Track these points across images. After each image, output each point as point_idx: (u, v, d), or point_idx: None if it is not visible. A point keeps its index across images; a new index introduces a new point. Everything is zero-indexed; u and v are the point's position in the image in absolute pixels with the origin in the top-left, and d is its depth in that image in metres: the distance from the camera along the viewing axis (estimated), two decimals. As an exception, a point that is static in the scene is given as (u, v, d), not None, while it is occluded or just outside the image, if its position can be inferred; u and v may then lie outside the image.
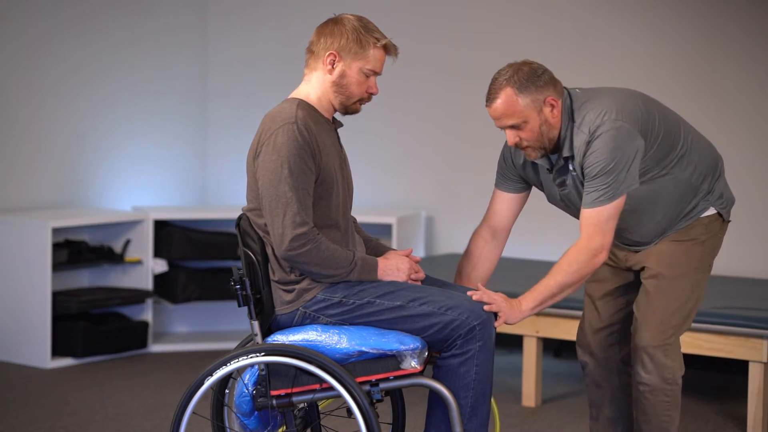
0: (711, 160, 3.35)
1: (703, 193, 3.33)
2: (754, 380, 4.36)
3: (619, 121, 3.13)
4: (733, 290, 5.06)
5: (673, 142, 3.26)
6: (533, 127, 3.16)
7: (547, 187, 3.35)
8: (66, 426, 4.61)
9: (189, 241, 6.23)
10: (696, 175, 3.30)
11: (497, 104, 3.17)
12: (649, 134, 3.20)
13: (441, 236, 6.54)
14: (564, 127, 3.19)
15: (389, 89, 5.08)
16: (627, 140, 3.11)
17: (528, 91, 3.15)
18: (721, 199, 3.38)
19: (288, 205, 2.97)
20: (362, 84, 3.13)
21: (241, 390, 3.14)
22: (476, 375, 3.01)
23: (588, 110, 3.17)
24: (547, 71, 3.21)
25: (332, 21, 3.14)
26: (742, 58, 5.72)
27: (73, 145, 6.31)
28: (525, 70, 3.18)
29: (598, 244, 3.12)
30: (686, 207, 3.32)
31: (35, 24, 6.07)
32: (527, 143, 3.19)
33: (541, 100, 3.16)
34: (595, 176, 3.12)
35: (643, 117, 3.20)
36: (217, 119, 7.06)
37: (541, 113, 3.16)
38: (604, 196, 3.11)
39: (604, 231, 3.12)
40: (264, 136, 3.03)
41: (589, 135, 3.13)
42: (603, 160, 3.10)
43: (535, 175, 3.36)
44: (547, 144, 3.20)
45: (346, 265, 3.03)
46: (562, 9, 6.17)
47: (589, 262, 3.12)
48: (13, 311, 5.69)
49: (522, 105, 3.15)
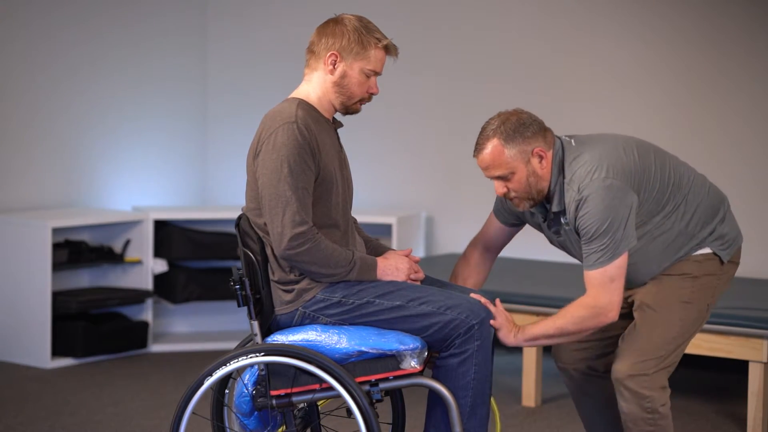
0: (712, 205, 3.27)
1: (700, 238, 3.25)
2: (754, 380, 4.36)
3: (609, 178, 3.07)
4: (733, 290, 5.04)
5: (670, 192, 3.19)
6: (520, 178, 3.13)
7: (545, 232, 3.33)
8: (66, 426, 4.61)
9: (189, 241, 6.23)
10: (694, 223, 3.23)
11: (484, 155, 3.15)
12: (644, 188, 3.14)
13: (441, 236, 6.54)
14: (554, 180, 3.15)
15: (390, 89, 5.08)
16: (619, 198, 3.07)
17: (515, 142, 3.12)
18: (720, 240, 3.27)
19: (287, 204, 2.97)
20: (363, 84, 3.13)
21: (241, 390, 3.14)
22: (475, 374, 3.01)
23: (579, 166, 3.12)
24: (536, 122, 3.16)
25: (333, 21, 3.14)
26: (744, 58, 5.72)
27: (73, 145, 6.31)
28: (513, 121, 3.14)
29: (604, 303, 3.07)
30: (682, 253, 3.25)
31: (35, 24, 6.07)
32: (515, 194, 3.17)
33: (528, 151, 3.12)
34: (591, 238, 3.07)
35: (638, 170, 3.13)
36: (217, 119, 7.06)
37: (529, 164, 3.13)
38: (604, 257, 3.06)
39: (610, 290, 3.07)
40: (264, 135, 3.04)
41: (579, 194, 3.09)
42: (596, 221, 3.05)
43: (532, 218, 3.34)
44: (535, 195, 3.17)
45: (345, 265, 3.03)
46: (563, 9, 6.17)
47: (594, 320, 3.08)
48: (13, 311, 5.69)
49: (509, 156, 3.12)
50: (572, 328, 3.08)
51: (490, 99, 6.38)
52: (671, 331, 3.21)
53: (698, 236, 3.24)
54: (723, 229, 3.28)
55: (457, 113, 6.46)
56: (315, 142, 3.03)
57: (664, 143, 5.91)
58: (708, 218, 3.25)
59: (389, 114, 6.56)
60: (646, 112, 5.98)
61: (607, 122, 6.10)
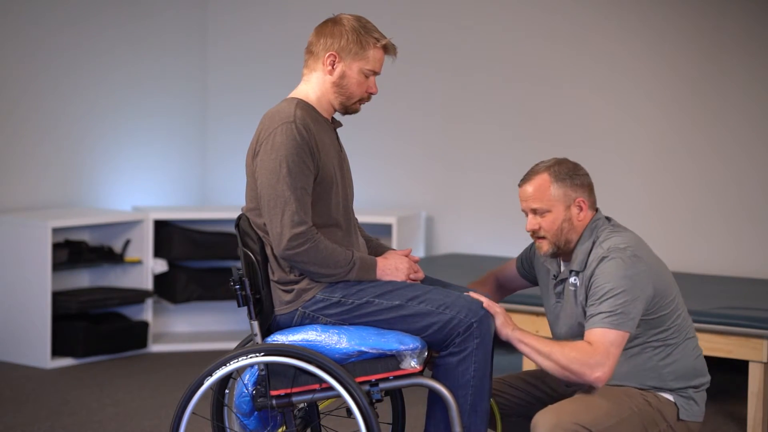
0: (695, 368, 3.17)
1: (671, 387, 3.14)
2: (754, 380, 4.36)
3: (639, 258, 3.06)
4: (733, 290, 5.06)
5: (668, 326, 3.13)
6: (555, 219, 3.13)
7: (546, 298, 3.30)
8: (66, 426, 4.61)
9: (189, 241, 6.23)
10: (669, 370, 3.13)
11: (529, 185, 3.16)
12: (657, 299, 3.09)
13: (441, 236, 6.54)
14: (583, 240, 3.15)
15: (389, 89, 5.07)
16: (640, 276, 3.03)
17: (563, 183, 3.13)
18: (688, 400, 3.15)
19: (286, 205, 2.97)
20: (362, 84, 3.13)
21: (241, 390, 3.14)
22: (475, 372, 3.00)
23: (617, 236, 3.11)
24: (587, 178, 3.18)
25: (331, 21, 3.14)
26: (746, 58, 5.72)
27: (73, 145, 6.31)
28: (568, 165, 3.17)
29: (597, 359, 2.95)
30: (646, 386, 3.13)
31: (34, 23, 6.07)
32: (544, 233, 3.15)
33: (572, 198, 3.14)
34: (601, 299, 3.01)
35: (662, 279, 3.10)
36: (217, 119, 7.06)
37: (568, 210, 3.14)
38: (610, 321, 2.98)
39: (607, 352, 2.96)
40: (263, 135, 3.03)
41: (606, 252, 3.06)
42: (613, 282, 3.01)
43: (542, 281, 3.32)
44: (562, 243, 3.15)
45: (344, 265, 3.02)
46: (563, 8, 6.17)
47: (581, 366, 2.95)
48: (13, 311, 5.69)
49: (552, 194, 3.13)
50: (559, 358, 2.97)
51: (491, 99, 6.38)
52: (604, 411, 3.04)
53: (669, 384, 3.14)
54: (695, 396, 3.18)
55: (457, 113, 6.46)
56: (314, 141, 3.03)
57: (666, 139, 5.93)
58: (685, 377, 3.16)
59: (389, 114, 6.56)
60: (647, 105, 5.98)
61: (608, 120, 6.10)
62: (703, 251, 5.82)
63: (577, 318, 3.14)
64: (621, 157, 6.03)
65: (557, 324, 3.24)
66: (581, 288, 3.12)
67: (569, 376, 2.99)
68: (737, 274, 5.65)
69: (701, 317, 4.41)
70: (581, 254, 3.14)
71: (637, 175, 5.99)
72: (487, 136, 6.40)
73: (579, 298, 3.13)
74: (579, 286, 3.13)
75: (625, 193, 5.97)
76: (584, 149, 6.03)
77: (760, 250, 5.68)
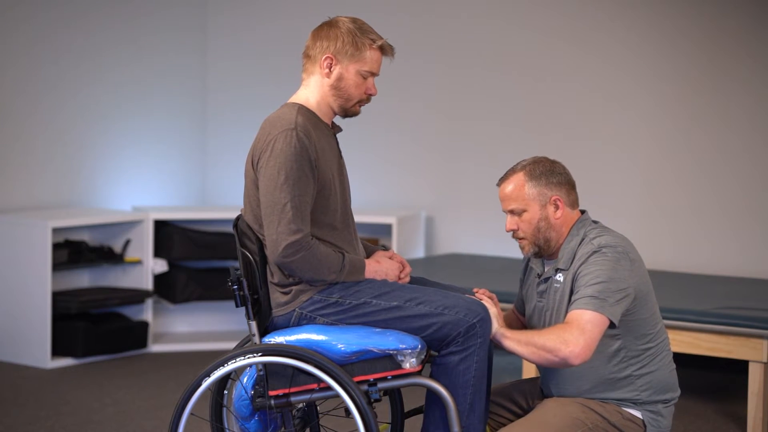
0: (667, 382, 3.15)
1: (639, 402, 3.12)
2: (754, 380, 4.36)
3: (632, 260, 3.07)
4: (733, 290, 5.06)
5: (647, 331, 3.12)
6: (531, 218, 3.14)
7: (529, 300, 3.29)
8: (66, 426, 4.61)
9: (189, 241, 6.23)
10: (644, 381, 3.11)
11: (505, 185, 3.18)
12: (641, 300, 3.09)
13: (441, 236, 6.54)
14: (570, 238, 3.15)
15: (389, 89, 5.07)
16: (628, 274, 3.04)
17: (538, 182, 3.13)
18: (657, 415, 3.13)
19: (283, 212, 2.96)
20: (360, 86, 3.12)
21: (241, 393, 3.14)
22: (475, 371, 3.00)
23: (608, 236, 3.12)
24: (566, 176, 3.18)
25: (327, 24, 3.13)
26: (749, 57, 5.72)
27: (73, 145, 6.32)
28: (544, 164, 3.17)
29: (572, 335, 2.94)
30: (614, 395, 3.13)
31: (34, 22, 6.07)
32: (523, 234, 3.16)
33: (547, 196, 3.14)
34: (585, 284, 3.02)
35: (646, 285, 3.11)
36: (217, 119, 7.06)
37: (544, 209, 3.14)
38: (590, 300, 2.98)
39: (583, 329, 2.95)
40: (263, 141, 3.03)
41: (596, 247, 3.07)
42: (600, 271, 3.01)
43: (528, 287, 3.31)
44: (542, 243, 3.15)
45: (337, 270, 3.02)
46: (566, 8, 6.17)
47: (555, 344, 2.94)
48: (13, 311, 5.69)
49: (527, 193, 3.14)
50: (536, 340, 2.97)
51: (491, 99, 6.38)
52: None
53: (640, 396, 3.12)
54: (663, 411, 3.16)
55: (458, 113, 6.46)
56: (314, 148, 3.02)
57: (667, 138, 5.93)
58: (658, 391, 3.14)
59: (389, 114, 6.56)
60: (649, 104, 5.98)
61: (610, 119, 6.10)
62: (703, 251, 5.82)
63: (560, 316, 3.12)
64: (623, 155, 6.02)
65: (540, 323, 3.21)
66: (566, 284, 3.12)
67: (547, 356, 2.96)
68: (738, 273, 5.65)
69: (701, 317, 4.40)
70: (568, 252, 3.14)
71: (639, 174, 5.99)
72: (487, 136, 6.39)
73: (564, 295, 3.12)
74: (564, 283, 3.12)
75: (627, 192, 5.97)
76: (586, 149, 6.03)
77: (761, 250, 5.67)
